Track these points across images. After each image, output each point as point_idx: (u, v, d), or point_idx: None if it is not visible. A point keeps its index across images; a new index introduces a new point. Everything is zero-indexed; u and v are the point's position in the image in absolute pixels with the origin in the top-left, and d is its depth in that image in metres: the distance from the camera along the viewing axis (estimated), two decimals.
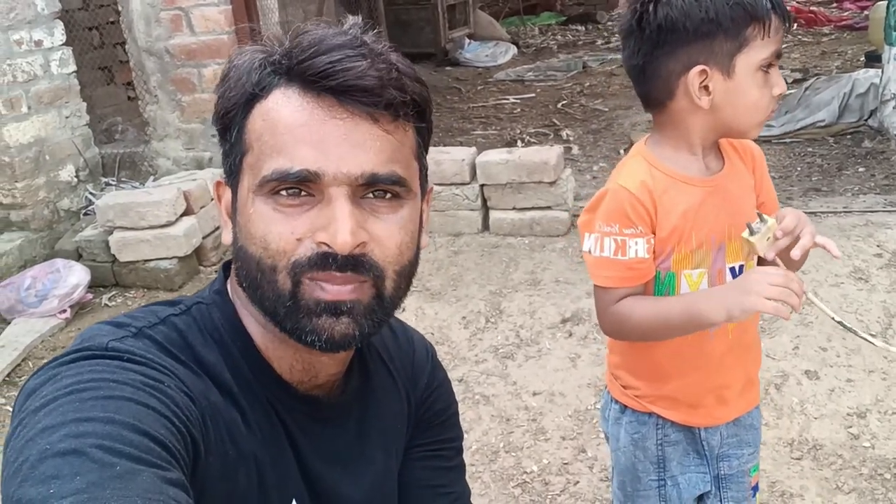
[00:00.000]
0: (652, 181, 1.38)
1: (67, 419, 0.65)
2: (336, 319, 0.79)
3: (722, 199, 1.42)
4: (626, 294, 1.40)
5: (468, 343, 3.23)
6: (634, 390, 1.52)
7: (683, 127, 1.39)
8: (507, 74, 8.10)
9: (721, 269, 1.43)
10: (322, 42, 0.78)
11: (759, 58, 1.31)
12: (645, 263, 1.39)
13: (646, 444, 1.52)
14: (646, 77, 1.38)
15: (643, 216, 1.37)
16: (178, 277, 3.86)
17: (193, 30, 4.13)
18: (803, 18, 9.17)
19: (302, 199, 0.78)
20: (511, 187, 3.90)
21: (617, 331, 1.46)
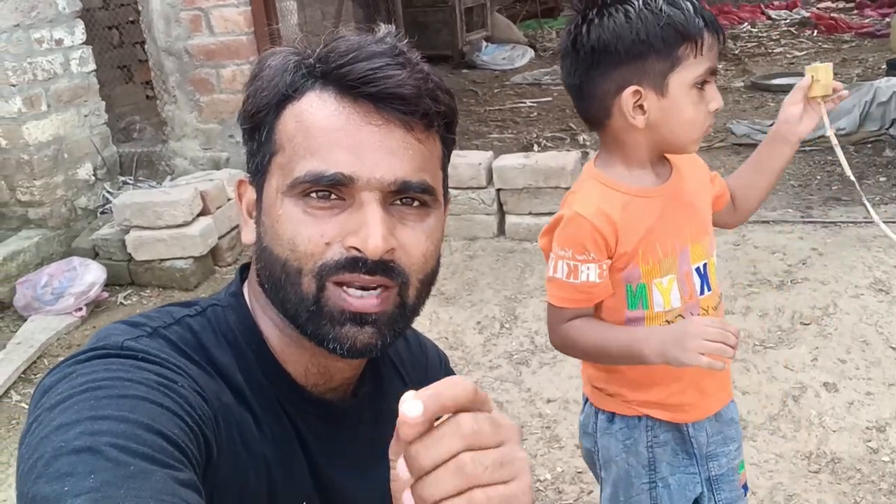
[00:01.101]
0: (608, 205, 1.40)
1: (82, 417, 0.65)
2: (360, 329, 0.79)
3: (678, 203, 1.45)
4: (576, 315, 1.45)
5: (482, 348, 3.21)
6: (621, 396, 1.53)
7: (625, 144, 1.42)
8: (524, 77, 8.08)
9: (688, 271, 1.46)
10: (361, 49, 0.79)
11: (693, 76, 1.32)
12: (596, 288, 1.42)
13: (637, 448, 1.53)
14: (583, 97, 1.41)
15: (598, 243, 1.39)
16: (194, 277, 3.87)
17: (213, 30, 4.14)
18: (823, 25, 9.10)
19: (332, 203, 0.78)
20: (527, 192, 3.89)
21: (564, 348, 1.50)
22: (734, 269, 3.49)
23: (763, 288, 3.31)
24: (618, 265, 1.43)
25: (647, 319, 1.46)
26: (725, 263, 3.55)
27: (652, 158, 1.44)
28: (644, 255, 1.42)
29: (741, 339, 2.97)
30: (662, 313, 1.45)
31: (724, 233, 3.86)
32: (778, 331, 3.05)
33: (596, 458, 1.60)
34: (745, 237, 3.77)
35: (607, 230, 1.39)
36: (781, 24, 9.81)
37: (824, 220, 3.87)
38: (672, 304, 1.45)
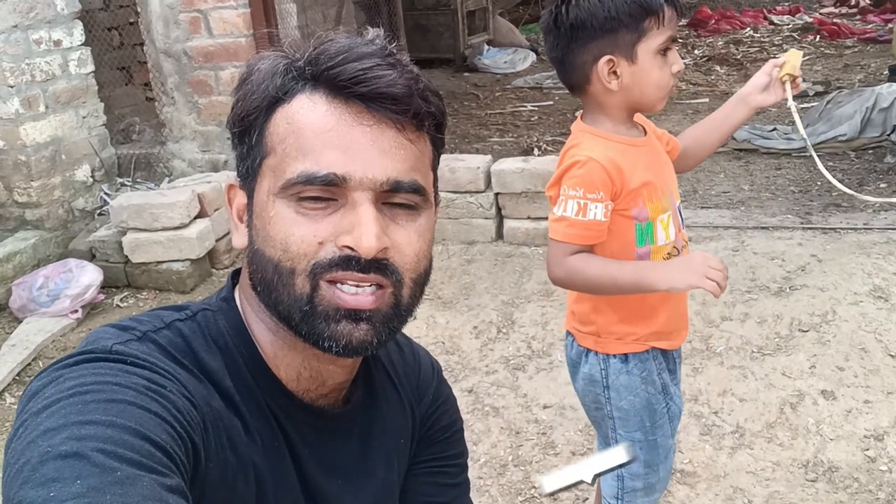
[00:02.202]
0: (611, 152, 1.62)
1: (69, 421, 0.65)
2: (355, 326, 0.79)
3: (657, 153, 1.72)
4: (578, 251, 1.63)
5: (479, 353, 3.20)
6: (631, 335, 1.72)
7: (604, 105, 1.65)
8: (525, 81, 8.08)
9: (674, 209, 1.70)
10: (351, 50, 0.79)
11: (657, 44, 1.56)
12: (601, 226, 1.62)
13: (653, 378, 1.75)
14: (565, 67, 1.64)
15: (607, 184, 1.59)
16: (191, 280, 3.86)
17: (211, 32, 4.13)
18: (826, 31, 9.10)
19: (325, 203, 0.78)
20: (526, 196, 3.87)
21: (567, 281, 1.66)
22: (733, 275, 3.47)
23: (761, 294, 3.30)
24: (623, 205, 1.62)
25: (653, 253, 1.67)
26: None
27: (628, 117, 1.67)
28: (649, 194, 1.63)
29: (740, 345, 2.97)
30: (663, 246, 1.67)
31: (722, 238, 3.84)
32: (776, 338, 3.03)
33: (607, 401, 1.77)
34: (744, 243, 3.75)
35: (614, 173, 1.60)
36: (784, 29, 9.81)
37: (824, 227, 3.85)
38: (670, 237, 1.68)
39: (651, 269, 1.59)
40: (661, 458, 1.81)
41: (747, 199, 4.41)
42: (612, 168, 1.60)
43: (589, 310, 1.75)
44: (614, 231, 1.65)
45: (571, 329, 1.82)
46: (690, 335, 3.12)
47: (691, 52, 8.96)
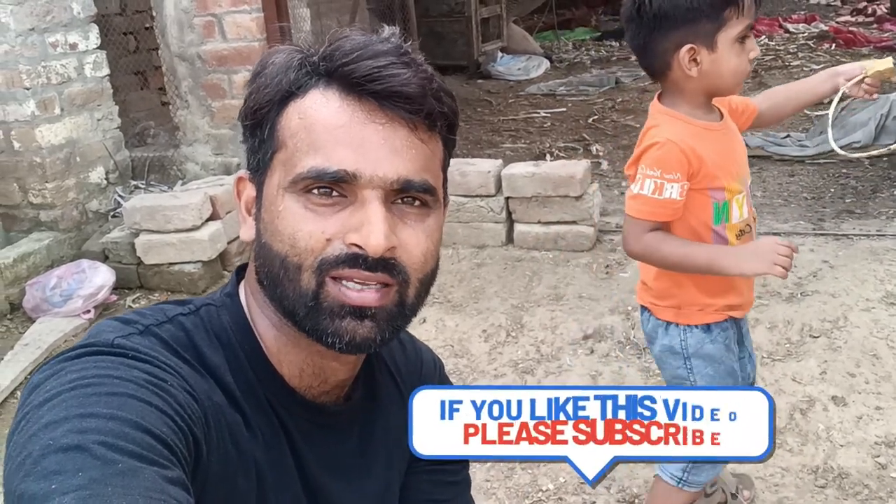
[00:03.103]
0: (688, 134, 1.70)
1: (70, 414, 0.65)
2: (360, 322, 0.79)
3: (733, 135, 1.81)
4: (653, 228, 1.72)
5: (488, 356, 3.19)
6: (711, 306, 1.81)
7: (684, 90, 1.73)
8: (538, 88, 8.08)
9: (747, 191, 1.80)
10: (366, 47, 0.79)
11: (736, 32, 1.64)
12: (676, 205, 1.70)
13: (730, 345, 1.86)
14: (646, 54, 1.73)
15: (683, 165, 1.68)
16: (202, 281, 3.88)
17: (225, 36, 4.16)
18: (842, 39, 9.04)
19: (334, 199, 0.78)
20: (536, 201, 3.87)
21: (642, 256, 1.78)
22: None
23: (773, 300, 3.27)
24: (700, 185, 1.71)
25: (727, 230, 1.76)
26: None
27: (706, 101, 1.76)
28: (725, 176, 1.73)
29: None
30: (737, 224, 1.77)
31: None
32: (787, 343, 3.01)
33: (689, 372, 1.85)
34: None
35: (691, 154, 1.69)
36: (799, 38, 9.76)
37: (836, 233, 3.82)
38: (743, 215, 1.78)
39: (723, 254, 1.69)
40: None
41: (760, 205, 4.38)
42: (689, 150, 1.68)
43: (670, 285, 1.83)
44: (692, 209, 1.74)
45: (647, 304, 1.90)
46: None
47: None
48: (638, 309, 3.32)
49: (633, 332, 3.20)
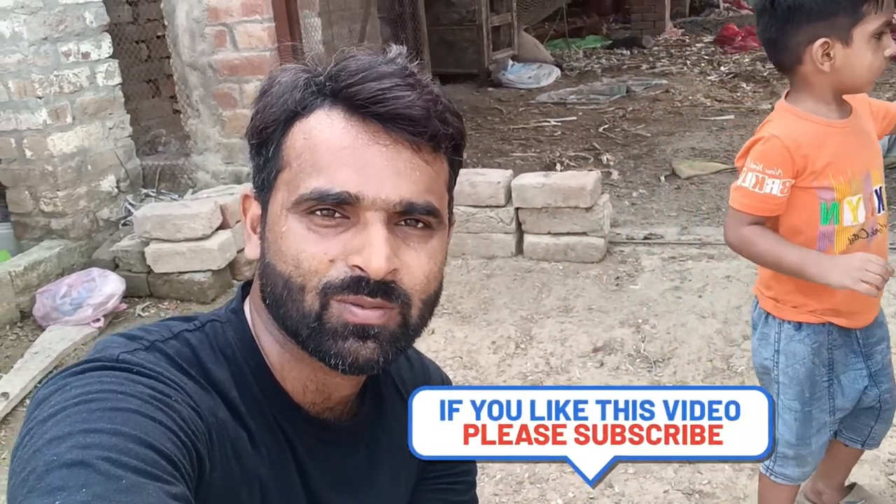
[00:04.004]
0: (800, 132, 1.69)
1: (75, 430, 0.65)
2: (362, 343, 0.79)
3: (859, 134, 1.75)
4: (754, 221, 1.72)
5: (497, 368, 3.18)
6: (806, 306, 1.79)
7: (813, 85, 1.70)
8: (549, 97, 8.08)
9: (870, 192, 1.75)
10: (372, 68, 0.79)
11: (873, 28, 1.61)
12: (776, 200, 1.69)
13: (821, 351, 1.82)
14: (777, 47, 1.71)
15: (787, 162, 1.66)
16: (211, 290, 3.89)
17: (236, 46, 4.17)
18: None
19: (337, 221, 0.78)
20: (546, 212, 3.86)
21: (739, 248, 1.77)
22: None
23: None
24: (807, 184, 1.69)
25: (837, 233, 1.73)
26: (746, 287, 3.49)
27: (835, 97, 1.72)
28: (835, 176, 1.69)
29: None
30: (850, 227, 1.73)
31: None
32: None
33: (774, 365, 1.86)
34: None
35: (797, 152, 1.67)
36: None
37: None
38: (858, 219, 1.73)
39: (813, 260, 1.68)
40: (814, 432, 1.87)
41: None
42: (795, 147, 1.67)
43: (770, 276, 1.83)
44: (798, 206, 1.72)
45: (757, 291, 1.91)
46: (711, 354, 3.09)
47: (717, 68, 8.92)
48: (648, 322, 3.32)
49: (643, 345, 3.18)
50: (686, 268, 3.74)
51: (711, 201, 4.70)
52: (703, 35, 11.45)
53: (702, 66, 9.17)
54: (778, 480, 1.97)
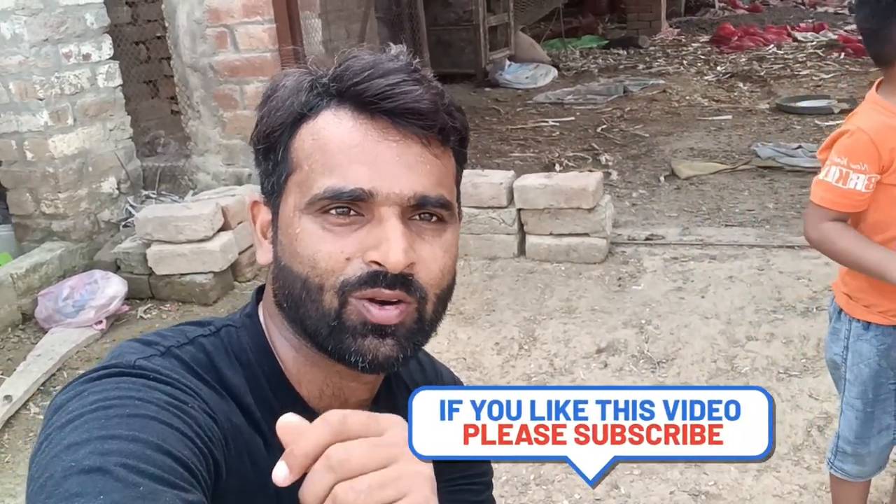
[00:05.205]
0: (889, 126, 1.64)
1: (92, 436, 0.65)
2: (381, 341, 0.79)
3: None
4: (836, 217, 1.68)
5: (500, 370, 3.18)
6: (877, 307, 1.76)
7: None
8: (546, 97, 8.08)
9: None
10: (377, 66, 0.79)
11: None
12: (860, 196, 1.65)
13: (890, 353, 1.79)
14: (878, 39, 1.66)
15: (873, 156, 1.62)
16: (213, 292, 3.88)
17: (237, 47, 4.17)
18: (851, 48, 9.04)
19: (351, 219, 0.78)
20: (549, 212, 3.86)
21: (818, 244, 1.76)
22: (758, 295, 3.44)
23: (788, 314, 3.26)
24: (892, 180, 1.65)
25: None
26: (749, 288, 3.50)
27: None
28: None
29: (765, 366, 2.93)
30: None
31: (747, 257, 3.81)
32: (802, 358, 3.00)
33: (843, 361, 1.85)
34: (770, 262, 3.72)
35: (884, 146, 1.62)
36: (808, 47, 9.76)
37: None
38: None
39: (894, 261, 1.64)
40: (874, 433, 1.86)
41: (772, 217, 4.38)
42: (882, 141, 1.62)
43: (846, 271, 1.81)
44: (882, 203, 1.68)
45: (834, 286, 1.90)
46: (714, 355, 3.10)
47: (714, 68, 8.94)
48: (651, 323, 3.33)
49: (646, 346, 3.19)
50: (688, 268, 3.75)
51: (711, 201, 4.71)
52: (699, 35, 11.46)
53: (698, 66, 9.19)
54: (837, 475, 1.98)
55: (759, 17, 12.69)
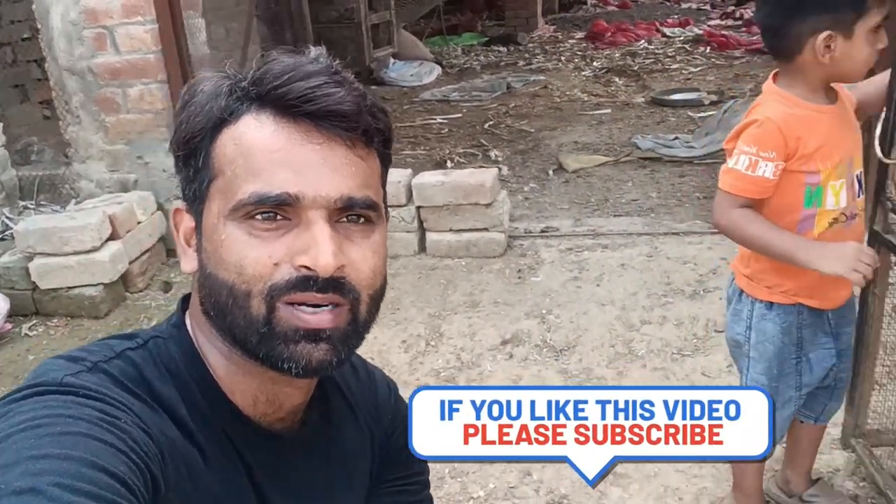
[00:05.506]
0: (792, 115, 1.72)
1: (23, 457, 0.63)
2: (315, 346, 0.79)
3: (844, 121, 1.81)
4: (744, 204, 1.75)
5: (409, 367, 3.20)
6: (780, 287, 1.85)
7: (807, 74, 1.73)
8: (432, 94, 8.14)
9: (852, 178, 1.80)
10: (297, 69, 0.79)
11: (874, 22, 1.66)
12: (768, 183, 1.72)
13: (791, 330, 1.88)
14: (778, 35, 1.73)
15: (780, 146, 1.70)
16: (104, 305, 3.72)
17: (118, 49, 4.00)
18: (715, 42, 9.54)
19: (278, 224, 0.78)
20: (447, 209, 3.92)
21: (727, 230, 1.81)
22: (649, 280, 3.61)
23: (677, 298, 3.44)
24: (796, 167, 1.73)
25: (818, 216, 1.78)
26: (640, 275, 3.67)
27: (824, 86, 1.77)
28: (823, 160, 1.73)
29: (660, 347, 3.08)
30: (831, 211, 1.78)
31: (637, 245, 3.99)
32: (694, 339, 3.16)
33: (746, 340, 1.94)
34: (658, 249, 3.90)
35: (790, 135, 1.70)
36: (676, 41, 10.23)
37: None
38: (840, 203, 1.77)
39: (804, 246, 1.72)
40: (778, 406, 1.93)
41: (656, 206, 4.58)
42: (788, 130, 1.70)
43: (749, 254, 1.88)
44: (784, 189, 1.75)
45: (733, 268, 1.98)
46: (613, 340, 3.22)
47: (590, 63, 9.24)
48: (552, 312, 3.43)
49: (548, 335, 3.29)
50: (583, 258, 3.89)
51: (599, 193, 4.89)
52: (575, 31, 11.81)
53: (576, 61, 9.47)
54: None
55: (629, 14, 13.20)
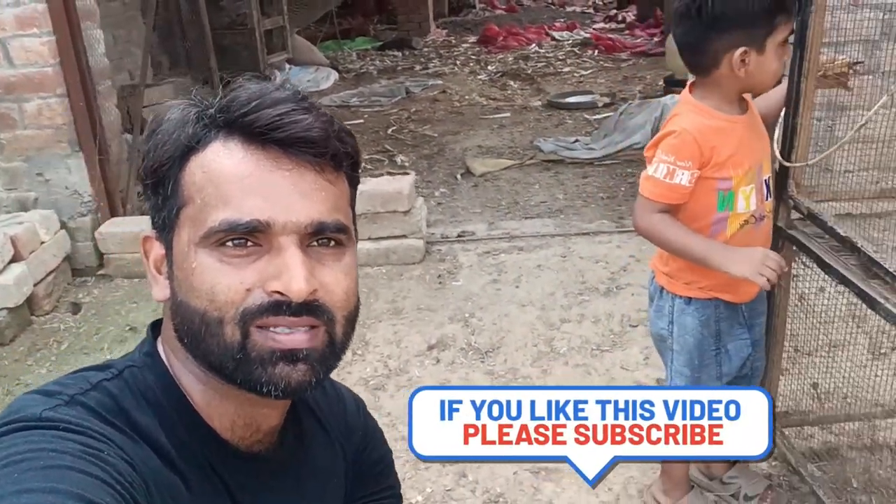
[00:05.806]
0: (707, 126, 1.85)
1: (6, 492, 0.63)
2: (293, 367, 0.80)
3: (754, 129, 1.94)
4: (662, 209, 1.87)
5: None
6: (696, 283, 1.98)
7: (722, 87, 1.86)
8: (331, 100, 8.09)
9: (761, 182, 1.93)
10: (264, 96, 0.80)
11: (782, 37, 1.79)
12: (685, 190, 1.85)
13: (709, 323, 2.00)
14: (697, 51, 1.85)
15: (696, 155, 1.82)
16: (9, 330, 3.55)
17: (12, 62, 3.81)
18: (603, 45, 9.88)
19: (249, 250, 0.79)
20: (366, 217, 3.93)
21: (647, 233, 1.92)
22: (565, 280, 3.74)
23: (592, 295, 3.58)
24: (710, 173, 1.85)
25: (730, 219, 1.90)
26: (556, 275, 3.79)
27: (737, 97, 1.90)
28: (735, 167, 1.86)
29: (580, 344, 3.20)
30: (742, 213, 1.91)
31: (550, 246, 4.12)
32: (611, 334, 3.31)
33: (669, 334, 2.06)
34: (571, 249, 4.05)
35: (705, 145, 1.82)
36: (565, 45, 10.53)
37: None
38: (750, 206, 1.91)
39: (718, 250, 1.86)
40: None
41: (564, 207, 4.74)
42: (703, 140, 1.82)
43: (668, 255, 2.00)
44: (699, 194, 1.87)
45: (653, 267, 2.10)
46: (535, 339, 3.33)
47: (485, 67, 9.40)
48: (474, 316, 3.51)
49: (473, 338, 3.36)
50: (500, 261, 3.99)
51: (508, 196, 5.01)
52: (467, 35, 11.96)
53: (471, 65, 9.62)
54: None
55: (517, 17, 13.47)
